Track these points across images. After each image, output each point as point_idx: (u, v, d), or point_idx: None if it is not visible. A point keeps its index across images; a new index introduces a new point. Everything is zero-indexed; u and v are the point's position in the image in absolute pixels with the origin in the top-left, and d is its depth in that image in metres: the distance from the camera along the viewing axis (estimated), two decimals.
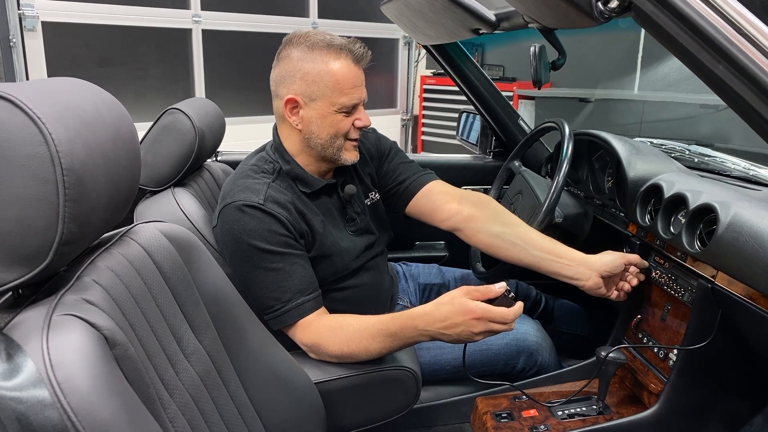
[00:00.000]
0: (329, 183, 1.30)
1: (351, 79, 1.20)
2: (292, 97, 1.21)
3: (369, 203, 1.42)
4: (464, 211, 1.39)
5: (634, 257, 1.29)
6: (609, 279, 1.28)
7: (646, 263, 1.31)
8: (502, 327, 0.99)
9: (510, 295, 1.00)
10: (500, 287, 1.00)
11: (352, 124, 1.24)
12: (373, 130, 1.49)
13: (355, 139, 1.27)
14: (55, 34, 3.59)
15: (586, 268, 1.26)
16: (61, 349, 0.56)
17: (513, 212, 1.62)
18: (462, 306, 0.99)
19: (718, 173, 1.49)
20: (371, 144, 1.45)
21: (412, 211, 1.46)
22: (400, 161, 1.47)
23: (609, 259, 1.26)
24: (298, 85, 1.20)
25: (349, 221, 1.34)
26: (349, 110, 1.22)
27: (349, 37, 1.23)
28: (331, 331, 1.13)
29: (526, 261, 1.33)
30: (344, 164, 1.29)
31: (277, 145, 1.29)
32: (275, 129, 1.31)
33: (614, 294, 1.30)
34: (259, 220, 1.15)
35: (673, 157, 1.52)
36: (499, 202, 1.79)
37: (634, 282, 1.29)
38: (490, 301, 1.00)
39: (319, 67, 1.18)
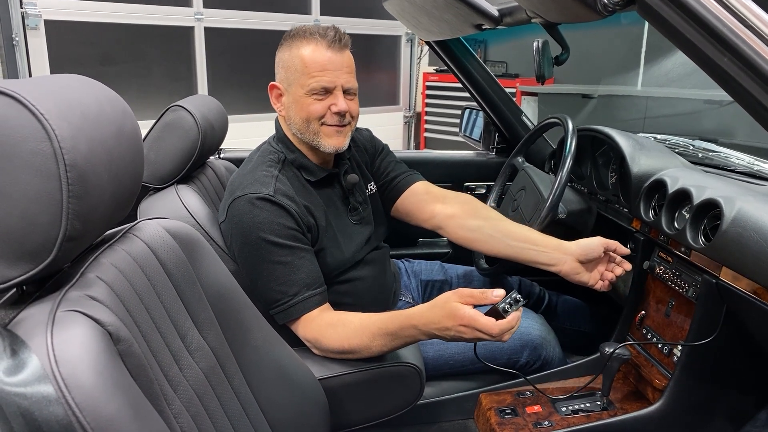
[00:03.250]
0: (332, 172, 1.31)
1: (319, 62, 1.21)
2: (274, 83, 1.27)
3: (369, 194, 1.44)
4: (446, 210, 1.42)
5: (613, 243, 1.26)
6: (590, 265, 1.26)
7: (627, 250, 1.28)
8: (487, 338, 0.96)
9: (503, 307, 0.95)
10: (497, 295, 0.97)
11: (329, 109, 1.23)
12: (367, 130, 1.51)
13: (334, 125, 1.25)
14: (58, 32, 3.59)
15: (562, 253, 1.26)
16: (65, 345, 0.56)
17: (516, 208, 1.62)
18: (452, 311, 0.98)
19: (723, 168, 1.48)
20: (366, 139, 1.48)
21: (398, 209, 1.48)
22: (390, 160, 1.50)
23: (585, 243, 1.25)
24: (279, 73, 1.26)
25: (352, 210, 1.35)
26: (320, 93, 1.22)
27: (329, 26, 1.25)
28: (332, 328, 1.13)
29: (505, 252, 1.34)
30: (326, 151, 1.27)
31: (279, 135, 1.31)
32: (276, 120, 1.33)
33: (599, 284, 1.27)
34: (269, 212, 1.16)
35: (677, 153, 1.51)
36: (503, 198, 1.79)
37: (618, 271, 1.26)
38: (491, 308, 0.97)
39: (292, 53, 1.23)
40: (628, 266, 1.28)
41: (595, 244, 1.25)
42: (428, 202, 1.44)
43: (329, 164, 1.34)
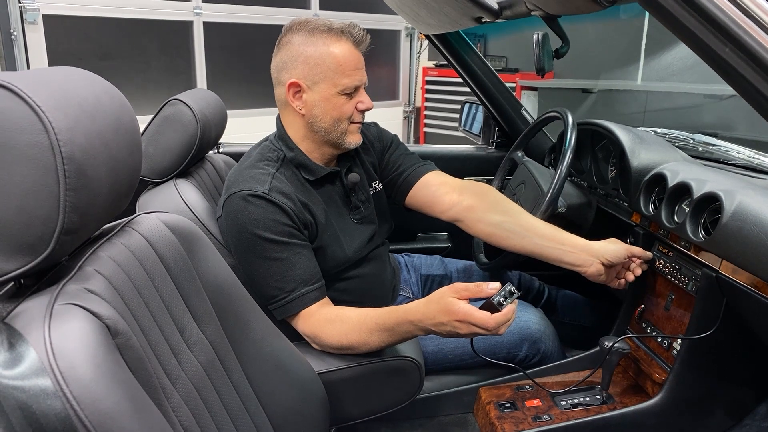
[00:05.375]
0: (333, 171, 1.30)
1: (352, 61, 1.21)
2: (295, 80, 1.21)
3: (372, 192, 1.42)
4: (464, 202, 1.38)
5: (638, 250, 1.29)
6: (611, 267, 1.28)
7: (650, 255, 1.30)
8: (483, 332, 0.96)
9: (498, 300, 0.95)
10: (492, 287, 0.97)
11: (355, 107, 1.25)
12: (375, 124, 1.49)
13: (358, 122, 1.27)
14: (57, 27, 3.58)
15: (589, 254, 1.26)
16: (63, 338, 0.56)
17: (516, 202, 1.61)
18: (447, 306, 0.97)
19: (723, 162, 1.48)
20: (373, 136, 1.45)
21: (411, 202, 1.45)
22: (401, 152, 1.47)
23: (613, 249, 1.26)
24: (300, 69, 1.21)
25: (354, 209, 1.34)
26: (351, 92, 1.23)
27: (348, 23, 1.24)
28: (330, 323, 1.13)
29: (528, 249, 1.32)
30: (348, 148, 1.28)
31: (280, 133, 1.29)
32: (278, 118, 1.31)
33: (615, 282, 1.30)
34: (263, 209, 1.15)
35: (677, 146, 1.51)
36: (502, 192, 1.78)
37: (638, 272, 1.29)
38: (485, 301, 0.97)
39: (320, 50, 1.19)
40: (646, 267, 1.31)
41: (622, 253, 1.26)
42: (444, 194, 1.40)
43: (332, 163, 1.33)
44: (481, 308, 0.96)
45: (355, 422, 1.18)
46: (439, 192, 1.41)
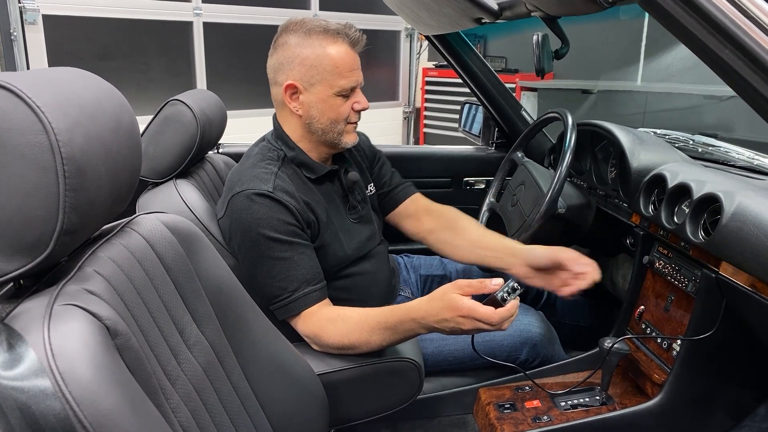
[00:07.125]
0: (332, 169, 1.31)
1: (348, 62, 1.21)
2: (292, 82, 1.22)
3: (368, 194, 1.43)
4: (427, 225, 1.47)
5: (567, 257, 1.21)
6: (552, 273, 1.24)
7: (587, 263, 1.20)
8: (487, 327, 0.96)
9: (501, 295, 0.95)
10: (495, 284, 0.97)
11: (351, 108, 1.26)
12: (365, 135, 1.50)
13: (354, 123, 1.28)
14: (56, 27, 3.58)
15: (513, 256, 1.29)
16: (62, 339, 0.56)
17: (515, 203, 1.61)
18: (450, 302, 0.98)
19: (723, 163, 1.48)
20: (364, 143, 1.48)
21: (392, 218, 1.52)
22: (388, 169, 1.52)
23: (538, 253, 1.25)
24: (297, 70, 1.21)
25: (351, 209, 1.35)
26: (348, 93, 1.24)
27: (343, 23, 1.24)
28: (332, 323, 1.13)
29: (473, 260, 1.39)
30: (344, 147, 1.30)
31: (278, 132, 1.30)
32: (275, 117, 1.31)
33: (561, 290, 1.22)
34: (268, 208, 1.16)
35: (677, 147, 1.51)
36: (502, 193, 1.79)
37: (583, 285, 1.20)
38: (487, 297, 0.97)
39: (317, 52, 1.20)
40: (591, 281, 1.20)
41: (544, 258, 1.24)
42: (419, 216, 1.49)
43: (329, 162, 1.33)
44: (484, 304, 0.97)
45: (354, 423, 1.18)
46: (415, 214, 1.50)
